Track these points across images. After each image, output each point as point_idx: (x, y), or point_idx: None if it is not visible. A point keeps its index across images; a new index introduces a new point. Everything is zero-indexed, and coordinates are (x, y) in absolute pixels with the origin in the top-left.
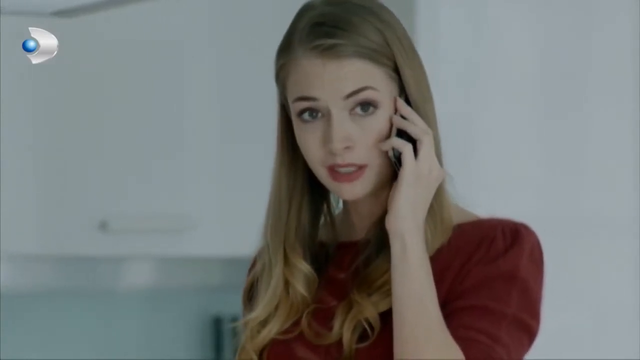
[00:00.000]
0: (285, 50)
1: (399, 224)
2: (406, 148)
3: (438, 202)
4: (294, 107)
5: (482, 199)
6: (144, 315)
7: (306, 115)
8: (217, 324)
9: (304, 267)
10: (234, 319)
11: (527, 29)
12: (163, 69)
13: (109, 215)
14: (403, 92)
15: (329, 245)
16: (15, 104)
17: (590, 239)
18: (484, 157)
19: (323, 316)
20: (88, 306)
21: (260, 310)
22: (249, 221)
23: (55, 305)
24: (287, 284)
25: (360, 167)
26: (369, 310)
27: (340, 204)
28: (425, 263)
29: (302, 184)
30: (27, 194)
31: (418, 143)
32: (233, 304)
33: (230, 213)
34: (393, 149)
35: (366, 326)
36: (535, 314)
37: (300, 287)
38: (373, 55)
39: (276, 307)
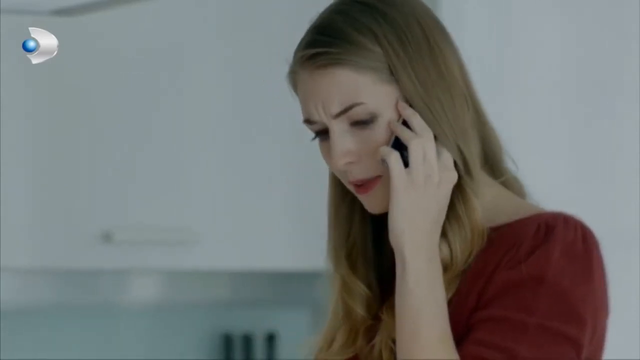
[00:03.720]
0: (292, 58)
1: (396, 240)
2: (391, 156)
3: (462, 206)
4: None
5: None
6: (149, 332)
7: (321, 136)
8: (226, 341)
9: (359, 287)
10: (245, 336)
11: (558, 29)
12: (167, 73)
13: (113, 226)
14: None
15: None
16: (13, 108)
17: (624, 253)
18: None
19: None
20: (90, 322)
21: (324, 334)
22: (259, 234)
23: (55, 321)
24: (347, 304)
25: (376, 178)
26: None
27: None
28: (427, 281)
29: (352, 199)
30: (25, 203)
31: (408, 149)
32: (243, 320)
33: (239, 225)
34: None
35: (393, 347)
36: (573, 318)
37: (358, 308)
38: (360, 62)
39: (339, 328)
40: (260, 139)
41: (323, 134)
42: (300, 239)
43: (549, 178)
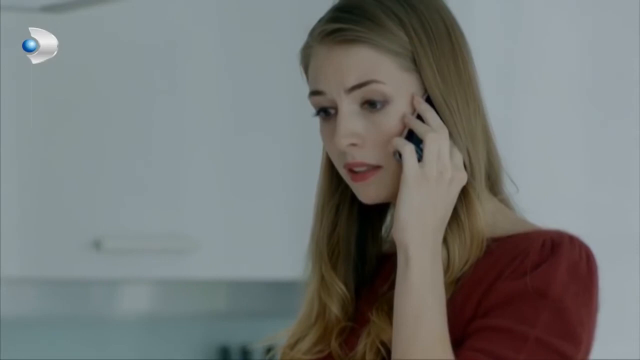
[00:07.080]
0: (308, 35)
1: (402, 234)
2: (406, 148)
3: (464, 211)
4: (311, 103)
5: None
6: (142, 344)
7: (323, 114)
8: (224, 354)
9: (338, 287)
10: (243, 349)
11: (572, 23)
12: (163, 72)
13: (104, 233)
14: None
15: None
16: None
17: None
18: (523, 168)
19: (357, 335)
20: (80, 334)
21: (293, 330)
22: (258, 242)
23: (44, 332)
24: (322, 303)
25: (375, 168)
26: (387, 331)
27: None
28: (431, 279)
29: (342, 194)
30: (12, 209)
31: (423, 143)
32: (241, 332)
33: (238, 232)
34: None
35: (381, 349)
36: (571, 337)
37: (334, 308)
38: (383, 43)
39: (311, 326)
40: (260, 144)
41: (326, 111)
42: (300, 248)
43: (562, 178)
